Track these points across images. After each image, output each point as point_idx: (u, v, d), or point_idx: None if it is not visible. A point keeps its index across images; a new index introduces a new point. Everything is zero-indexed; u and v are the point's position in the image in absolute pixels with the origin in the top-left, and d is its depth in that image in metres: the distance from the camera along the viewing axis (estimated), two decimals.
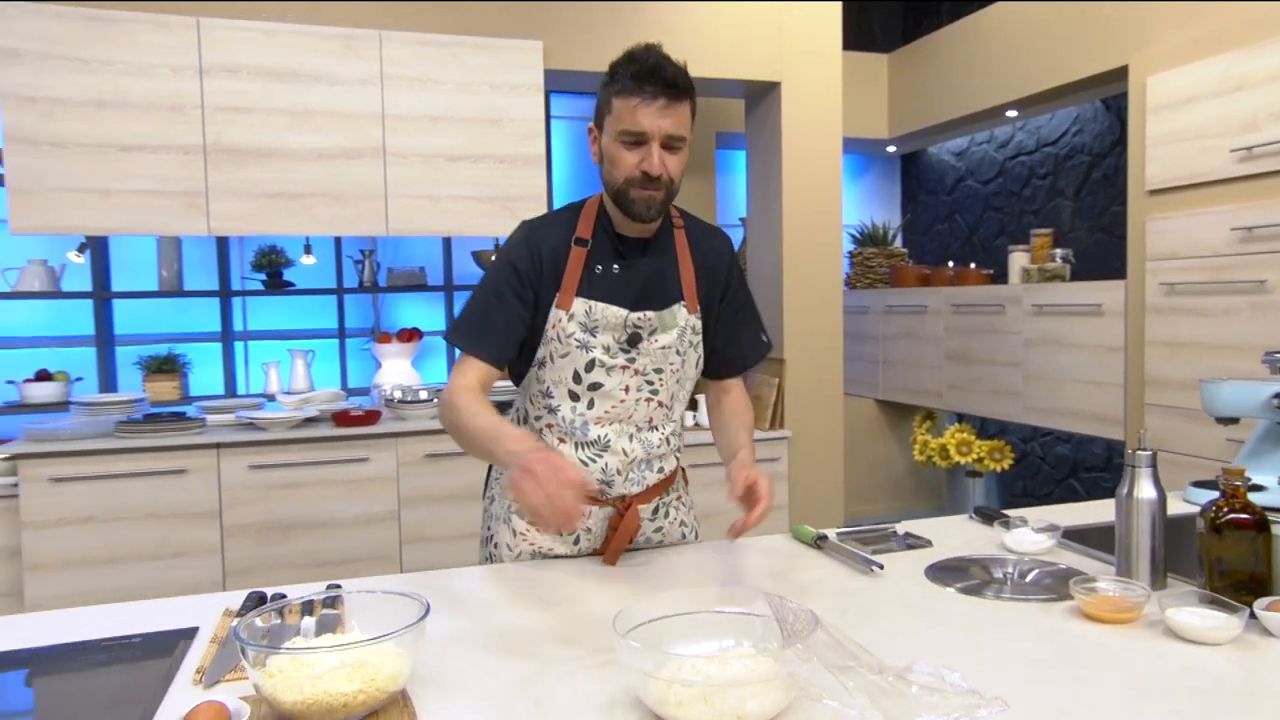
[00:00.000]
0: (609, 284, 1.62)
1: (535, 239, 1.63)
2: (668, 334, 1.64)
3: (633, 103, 1.49)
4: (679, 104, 1.51)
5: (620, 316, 1.61)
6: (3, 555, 3.05)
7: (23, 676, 1.27)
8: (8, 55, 3.00)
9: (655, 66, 1.49)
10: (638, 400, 1.65)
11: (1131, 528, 1.48)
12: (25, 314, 4.08)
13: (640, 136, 1.51)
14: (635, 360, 1.63)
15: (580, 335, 1.60)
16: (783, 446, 3.87)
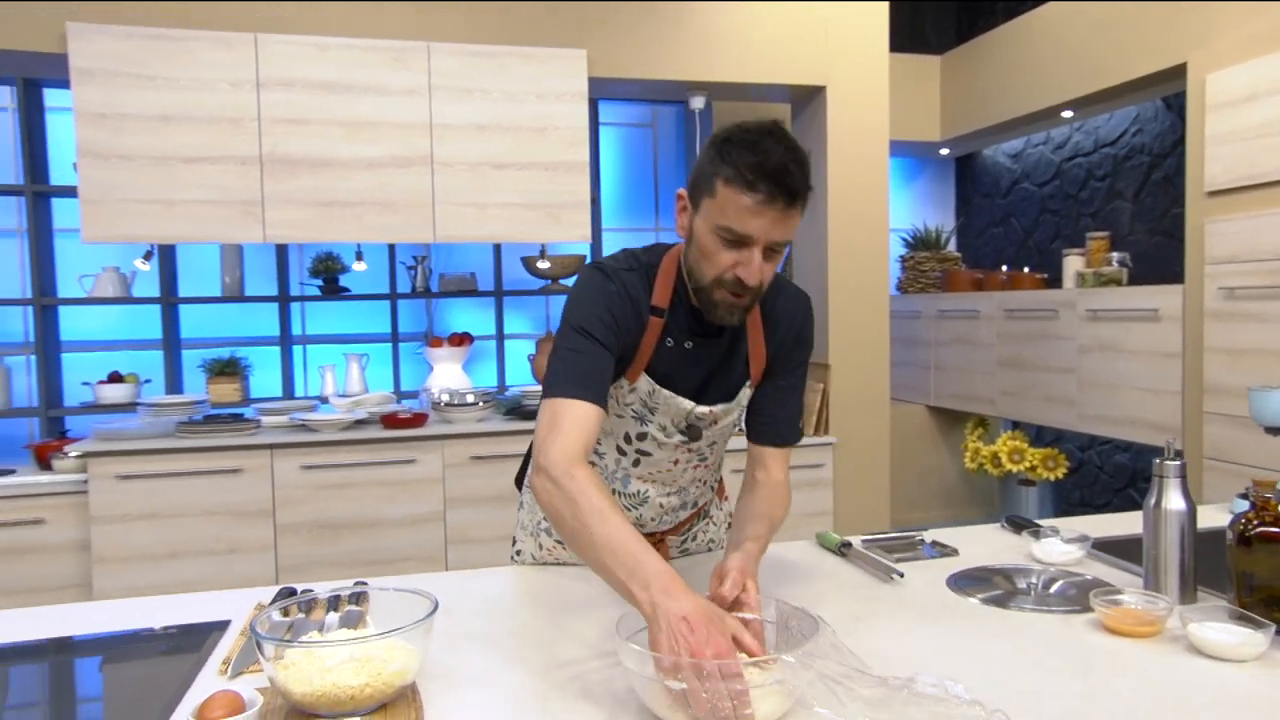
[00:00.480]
0: (678, 362, 1.48)
1: (623, 292, 1.43)
2: (728, 416, 1.55)
3: (744, 201, 1.26)
4: (794, 209, 1.29)
5: (683, 410, 1.49)
6: (74, 548, 3.20)
7: (59, 664, 1.35)
8: (82, 75, 3.16)
9: (780, 168, 1.25)
10: (685, 469, 1.60)
11: (1159, 539, 1.45)
12: (100, 318, 4.29)
13: (744, 240, 1.30)
14: (689, 442, 1.55)
15: (638, 408, 1.51)
16: (827, 453, 3.84)
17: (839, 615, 1.40)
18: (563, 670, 1.22)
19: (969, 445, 4.58)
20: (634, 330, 1.44)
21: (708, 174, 1.32)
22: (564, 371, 1.37)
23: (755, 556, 1.36)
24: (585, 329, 1.39)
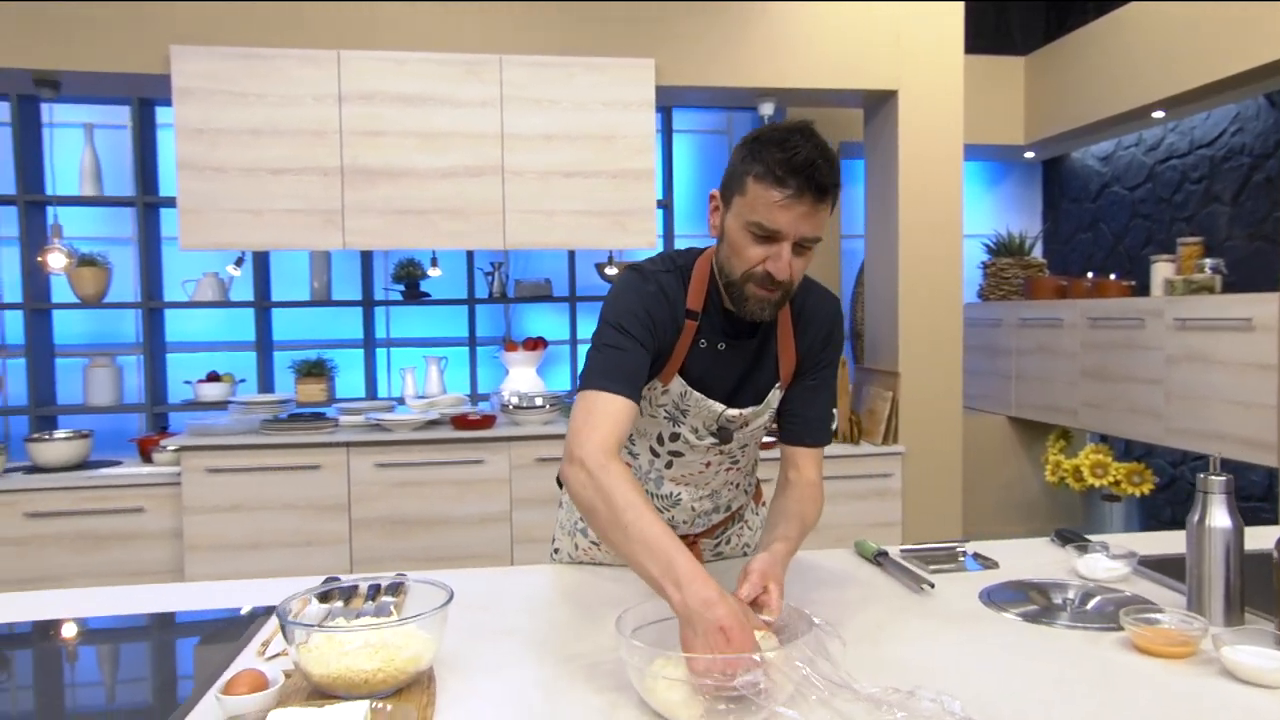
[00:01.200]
0: (710, 365, 1.51)
1: (660, 293, 1.46)
2: (759, 419, 1.56)
3: (773, 196, 1.29)
4: (824, 204, 1.32)
5: (714, 413, 1.52)
6: (169, 536, 3.41)
7: (110, 644, 1.46)
8: (182, 94, 3.38)
9: (807, 163, 1.27)
10: (717, 471, 1.62)
11: (1203, 558, 1.40)
12: (202, 321, 4.56)
13: (774, 235, 1.33)
14: (720, 444, 1.57)
15: (670, 410, 1.53)
16: (896, 462, 3.78)
17: (864, 624, 1.40)
18: (575, 664, 1.26)
19: (1049, 458, 4.43)
20: (670, 332, 1.46)
21: (739, 172, 1.35)
22: (601, 366, 1.40)
23: (781, 557, 1.35)
24: (623, 326, 1.42)
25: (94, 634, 1.46)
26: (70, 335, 4.49)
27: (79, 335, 4.52)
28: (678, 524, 1.68)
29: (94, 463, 3.69)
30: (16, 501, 3.35)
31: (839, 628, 1.35)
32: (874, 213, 4.12)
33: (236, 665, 1.23)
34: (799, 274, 1.38)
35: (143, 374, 4.28)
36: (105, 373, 4.22)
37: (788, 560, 1.38)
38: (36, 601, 1.58)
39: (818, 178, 1.28)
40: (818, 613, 1.42)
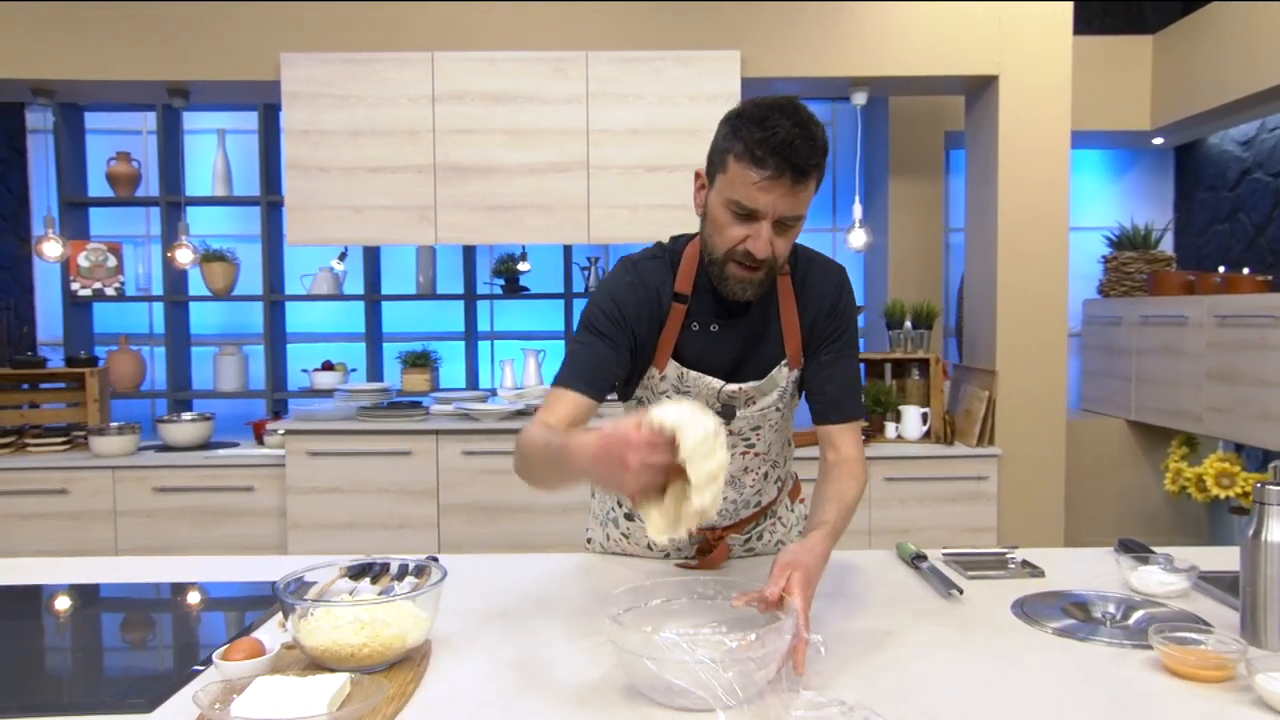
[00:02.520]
0: (706, 346, 1.50)
1: (638, 282, 1.49)
2: (766, 398, 1.54)
3: (752, 177, 1.29)
4: (804, 184, 1.31)
5: (714, 388, 1.50)
6: (275, 514, 3.64)
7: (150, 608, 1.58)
8: (290, 98, 3.59)
9: (786, 144, 1.27)
10: (733, 455, 1.55)
11: (1259, 576, 1.29)
12: (321, 313, 4.84)
13: (753, 214, 1.32)
14: (730, 423, 1.53)
15: (671, 394, 1.52)
16: (991, 465, 3.61)
17: (873, 628, 1.36)
18: (568, 649, 1.27)
19: (1170, 465, 4.12)
20: (653, 318, 1.48)
21: (720, 150, 1.35)
22: (568, 364, 1.46)
23: (812, 547, 1.30)
24: (591, 324, 1.47)
25: (155, 602, 1.58)
26: (205, 326, 4.86)
27: (213, 326, 4.88)
28: None
29: (215, 443, 3.98)
30: (147, 477, 3.64)
31: (852, 630, 1.32)
32: (974, 205, 3.94)
33: (257, 634, 1.31)
34: (782, 252, 1.38)
35: (265, 362, 4.57)
36: (232, 360, 4.54)
37: (825, 545, 1.33)
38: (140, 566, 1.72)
39: (796, 159, 1.28)
40: (836, 614, 1.40)
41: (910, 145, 4.49)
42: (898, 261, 4.52)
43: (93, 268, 4.50)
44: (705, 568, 1.68)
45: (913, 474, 3.59)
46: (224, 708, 1.02)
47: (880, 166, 4.61)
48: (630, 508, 1.62)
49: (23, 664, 1.29)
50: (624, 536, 1.77)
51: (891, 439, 3.79)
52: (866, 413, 1.50)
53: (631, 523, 1.73)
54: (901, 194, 4.51)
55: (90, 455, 3.70)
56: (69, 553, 3.60)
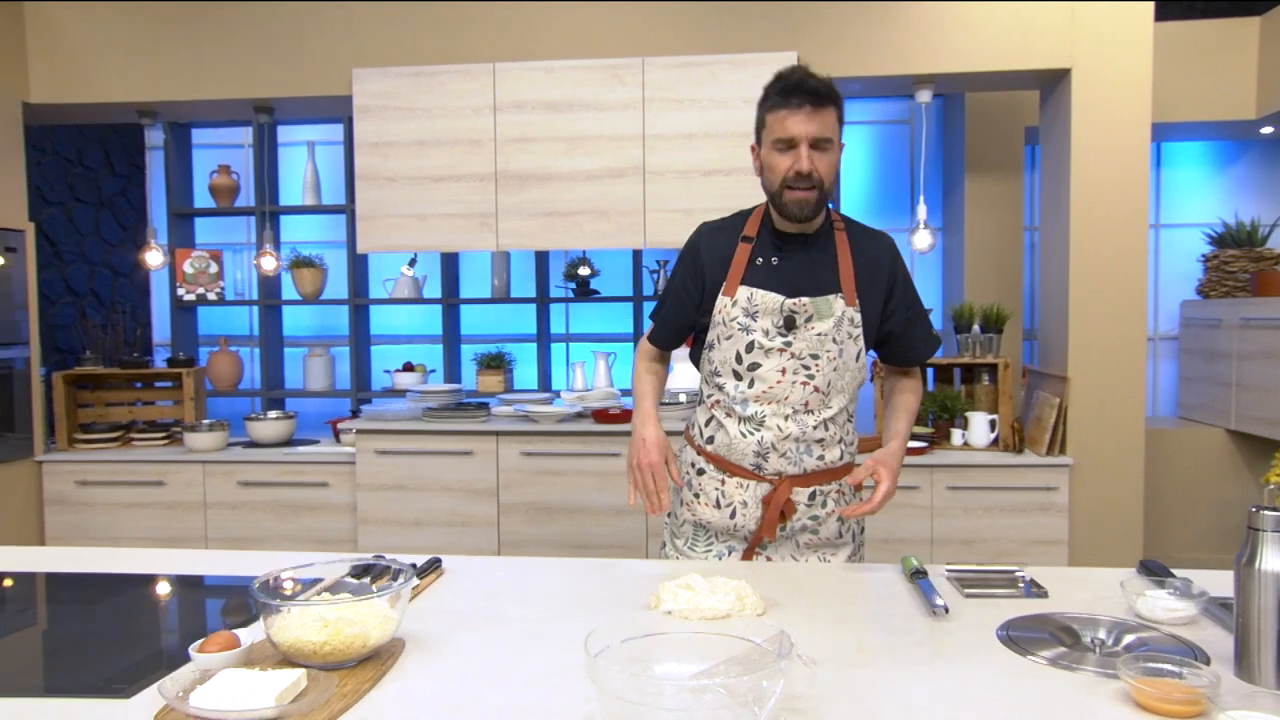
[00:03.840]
0: (769, 274, 1.81)
1: (708, 239, 1.89)
2: (824, 322, 1.78)
3: (782, 114, 1.71)
4: (823, 109, 1.70)
5: (777, 301, 1.78)
6: (346, 509, 3.82)
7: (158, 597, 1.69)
8: (361, 111, 3.76)
9: (799, 81, 1.70)
10: (793, 383, 1.79)
11: (1251, 608, 1.21)
12: (405, 316, 5.04)
13: (790, 141, 1.71)
14: (792, 344, 1.78)
15: (743, 319, 1.79)
16: (1062, 475, 3.45)
17: (841, 645, 1.34)
18: (543, 659, 1.31)
19: (1271, 479, 3.84)
20: (724, 259, 1.84)
21: (759, 116, 1.79)
22: (658, 307, 1.99)
23: (894, 451, 1.80)
24: (674, 278, 1.93)
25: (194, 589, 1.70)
26: (299, 328, 5.13)
27: (305, 328, 5.15)
28: (767, 448, 1.81)
29: (298, 440, 4.20)
30: (233, 471, 3.88)
31: (826, 645, 1.31)
32: (1047, 203, 3.78)
33: (255, 630, 1.40)
34: (824, 169, 1.72)
35: (350, 363, 4.79)
36: (320, 361, 4.77)
37: (901, 449, 1.83)
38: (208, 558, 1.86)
39: (807, 86, 1.69)
40: (817, 628, 1.39)
41: (988, 142, 4.34)
42: (974, 262, 4.38)
43: (196, 274, 4.81)
44: (768, 528, 1.83)
45: (978, 483, 3.48)
46: (185, 697, 1.10)
47: (957, 164, 4.47)
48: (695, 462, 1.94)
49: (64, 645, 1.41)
50: (695, 497, 1.90)
51: (958, 446, 3.68)
52: (937, 341, 1.98)
53: (702, 478, 1.89)
54: (979, 192, 4.37)
55: (184, 450, 3.97)
56: (164, 540, 3.88)
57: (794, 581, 1.66)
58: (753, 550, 1.87)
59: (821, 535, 1.87)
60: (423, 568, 1.71)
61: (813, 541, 1.88)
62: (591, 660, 1.02)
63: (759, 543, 1.86)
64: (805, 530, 1.86)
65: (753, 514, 1.84)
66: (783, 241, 1.82)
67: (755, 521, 1.84)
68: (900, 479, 2.79)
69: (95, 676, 1.26)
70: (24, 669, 1.35)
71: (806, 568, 1.78)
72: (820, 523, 1.86)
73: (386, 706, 1.15)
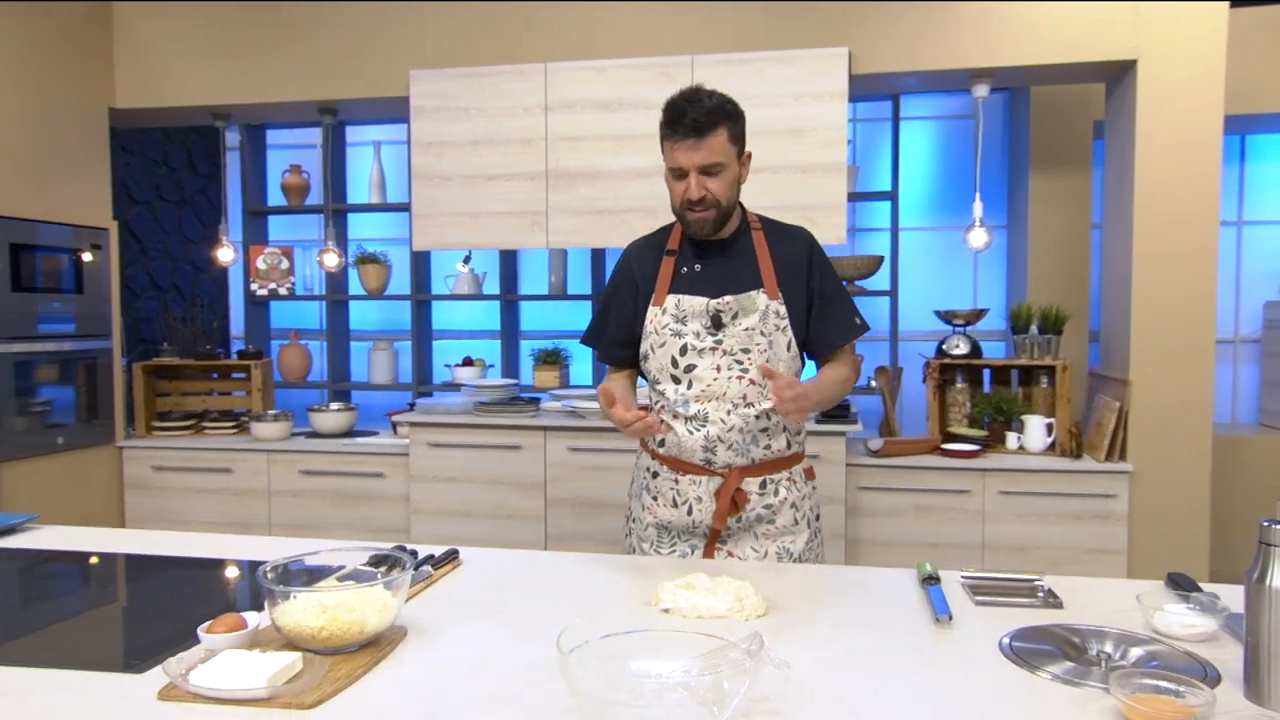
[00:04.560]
0: (693, 281, 1.91)
1: (636, 256, 2.00)
2: (749, 317, 1.86)
3: (670, 145, 1.81)
4: (709, 137, 1.76)
5: (702, 304, 1.87)
6: (400, 499, 3.93)
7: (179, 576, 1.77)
8: (418, 112, 3.85)
9: (682, 111, 1.77)
10: (729, 379, 1.86)
11: (1260, 626, 1.16)
12: (467, 312, 5.15)
13: (679, 171, 1.81)
14: (722, 342, 1.86)
15: (673, 325, 1.88)
16: (1121, 482, 3.32)
17: (833, 648, 1.34)
18: (535, 651, 1.33)
19: None
20: (649, 273, 1.93)
21: (660, 139, 1.85)
22: (593, 326, 2.07)
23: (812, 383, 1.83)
24: (608, 295, 2.02)
25: (244, 573, 1.79)
26: (366, 322, 5.29)
27: (373, 322, 5.31)
28: (714, 442, 1.87)
29: (358, 431, 4.33)
30: (295, 460, 4.03)
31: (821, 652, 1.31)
32: (1111, 200, 3.64)
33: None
34: (718, 191, 1.81)
35: (412, 357, 4.92)
36: (384, 355, 4.91)
37: (812, 384, 1.83)
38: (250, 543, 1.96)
39: (687, 121, 1.76)
40: (808, 629, 1.39)
41: (1054, 136, 4.20)
42: (1038, 261, 4.25)
43: (269, 270, 5.00)
44: (719, 518, 1.88)
45: (1031, 488, 3.38)
46: (187, 675, 1.16)
47: (1022, 160, 4.34)
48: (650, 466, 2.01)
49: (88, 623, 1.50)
50: (653, 499, 1.96)
51: (1013, 450, 3.58)
52: (860, 330, 1.99)
53: (656, 480, 1.96)
54: (1044, 189, 4.23)
55: (251, 439, 4.13)
56: (232, 524, 4.05)
57: (801, 584, 1.66)
58: (712, 546, 1.92)
59: (778, 524, 1.94)
60: (439, 559, 1.75)
61: (770, 531, 1.94)
62: (562, 656, 1.04)
63: (716, 537, 1.91)
64: (761, 520, 1.93)
65: (708, 508, 1.91)
66: (703, 249, 1.92)
67: (711, 516, 1.90)
68: (950, 482, 3.35)
69: (117, 652, 1.34)
70: (67, 643, 1.44)
71: (814, 569, 1.77)
72: (775, 511, 1.93)
73: (375, 691, 1.19)
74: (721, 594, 1.46)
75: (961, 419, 3.73)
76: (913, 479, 3.47)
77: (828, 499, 3.44)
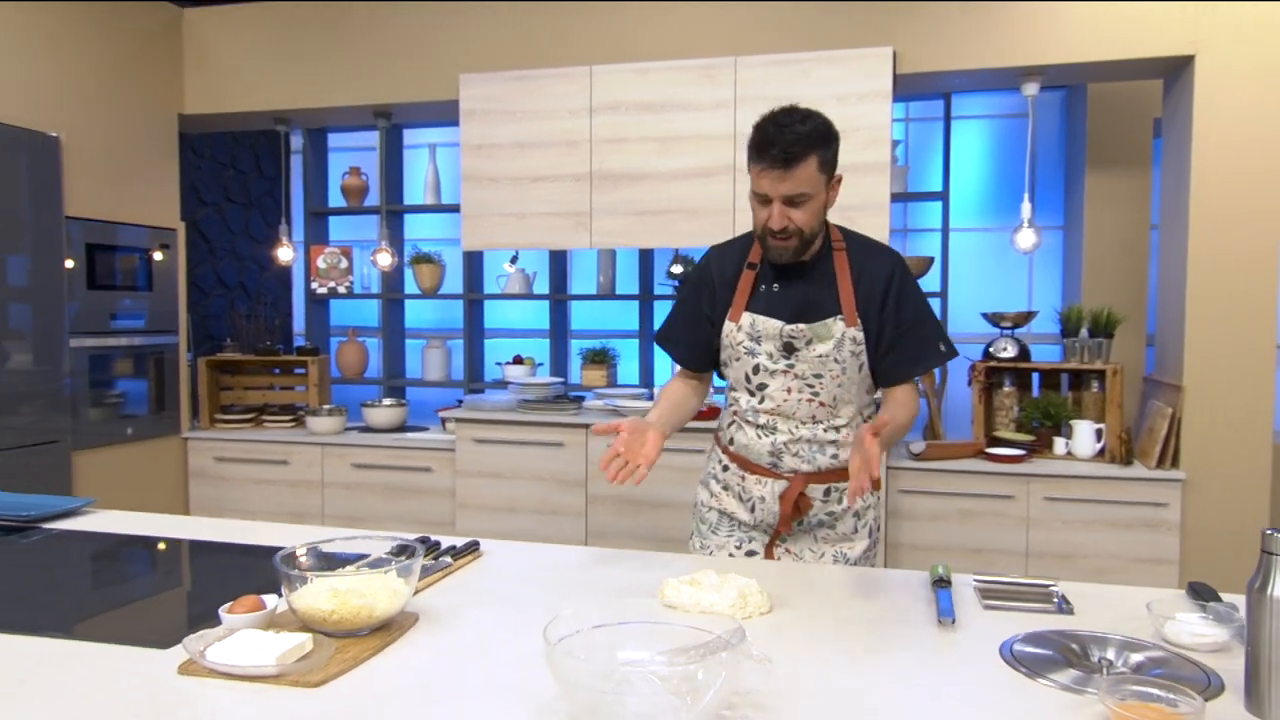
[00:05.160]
0: (771, 300, 1.88)
1: (716, 262, 1.97)
2: (824, 344, 1.84)
3: (756, 169, 1.74)
4: (795, 168, 1.70)
5: (776, 328, 1.85)
6: (446, 493, 4.02)
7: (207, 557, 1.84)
8: (467, 114, 3.94)
9: (770, 139, 1.70)
10: (800, 400, 1.87)
11: (1261, 637, 1.14)
12: (518, 311, 5.24)
13: (764, 198, 1.76)
14: (795, 366, 1.86)
15: (748, 344, 1.88)
16: (1174, 490, 3.23)
17: (832, 647, 1.35)
18: (538, 639, 1.37)
19: None
20: (733, 283, 1.91)
21: (748, 157, 1.78)
22: (667, 328, 2.08)
23: (879, 427, 1.62)
24: (684, 298, 2.04)
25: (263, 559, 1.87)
26: (422, 320, 5.43)
27: (429, 321, 5.44)
28: (780, 447, 1.90)
29: (410, 427, 4.45)
30: (348, 454, 4.16)
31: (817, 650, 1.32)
32: (1167, 199, 3.54)
33: None
34: (802, 221, 1.75)
35: (464, 354, 5.03)
36: (437, 353, 5.03)
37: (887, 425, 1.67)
38: None
39: (775, 152, 1.69)
40: (809, 627, 1.40)
41: (1111, 134, 4.09)
42: (1094, 262, 4.14)
43: (328, 269, 5.16)
44: (784, 523, 1.91)
45: (1078, 495, 3.30)
46: (203, 651, 1.23)
47: (1079, 159, 4.24)
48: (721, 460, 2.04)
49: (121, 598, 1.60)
50: (723, 489, 2.01)
51: (1060, 455, 3.50)
52: (944, 357, 1.96)
53: (726, 474, 2.00)
54: (1100, 188, 4.13)
55: (307, 433, 4.28)
56: (288, 514, 4.20)
57: (811, 582, 1.67)
58: (773, 544, 1.95)
59: (838, 530, 1.96)
60: (460, 549, 1.81)
61: (830, 536, 1.96)
62: (548, 646, 1.07)
63: (778, 536, 1.95)
64: (822, 525, 1.95)
65: (771, 508, 1.94)
66: (782, 269, 1.87)
67: (774, 516, 1.93)
68: (994, 487, 3.36)
69: (149, 629, 1.42)
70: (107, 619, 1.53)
71: (831, 569, 1.78)
72: (836, 518, 1.95)
73: (380, 673, 1.24)
74: (725, 591, 1.48)
75: (1009, 423, 3.67)
76: (955, 483, 3.42)
77: None
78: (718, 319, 1.94)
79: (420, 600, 1.54)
